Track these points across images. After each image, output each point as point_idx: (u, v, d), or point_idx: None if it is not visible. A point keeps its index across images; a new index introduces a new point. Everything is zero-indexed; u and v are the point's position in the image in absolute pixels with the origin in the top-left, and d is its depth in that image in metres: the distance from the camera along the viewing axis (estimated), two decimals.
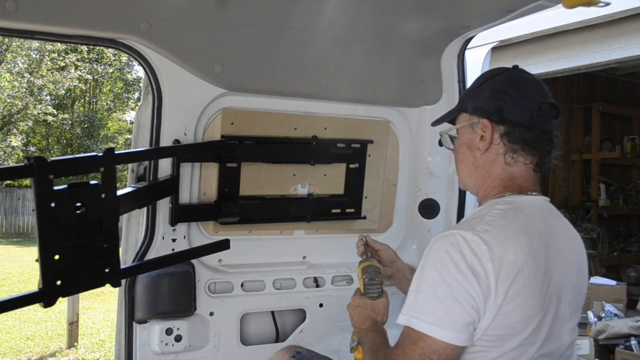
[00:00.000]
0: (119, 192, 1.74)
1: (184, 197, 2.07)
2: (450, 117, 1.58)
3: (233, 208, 2.14)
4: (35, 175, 1.47)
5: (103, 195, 1.62)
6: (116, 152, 1.69)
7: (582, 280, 1.46)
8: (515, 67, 1.51)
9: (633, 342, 4.75)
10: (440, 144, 1.74)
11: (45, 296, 1.51)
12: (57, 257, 1.51)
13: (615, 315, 5.32)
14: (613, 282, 5.89)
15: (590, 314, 5.44)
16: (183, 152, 1.99)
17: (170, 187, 2.00)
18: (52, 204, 1.49)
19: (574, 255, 1.44)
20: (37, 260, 1.50)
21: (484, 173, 1.47)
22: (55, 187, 1.51)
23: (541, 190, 1.49)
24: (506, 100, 1.41)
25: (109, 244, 1.63)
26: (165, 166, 2.00)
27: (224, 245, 2.04)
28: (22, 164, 1.50)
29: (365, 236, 1.95)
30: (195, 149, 2.02)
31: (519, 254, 1.27)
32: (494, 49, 3.44)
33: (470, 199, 2.48)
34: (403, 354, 1.28)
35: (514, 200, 1.40)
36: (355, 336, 1.74)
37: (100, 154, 1.63)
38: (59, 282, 1.53)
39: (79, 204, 1.56)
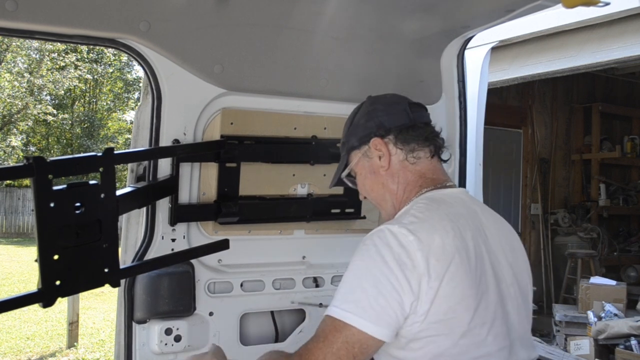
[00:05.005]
0: (119, 192, 1.74)
1: (184, 197, 2.07)
2: (345, 166, 1.64)
3: (232, 208, 2.14)
4: (35, 175, 1.46)
5: (102, 195, 1.61)
6: (116, 152, 1.69)
7: (518, 259, 1.50)
8: (369, 97, 1.64)
9: (633, 342, 4.76)
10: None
11: (44, 296, 1.51)
12: (56, 257, 1.51)
13: (615, 315, 5.33)
14: (613, 282, 5.90)
15: (590, 314, 5.45)
16: (183, 152, 1.99)
17: (170, 187, 2.00)
18: (52, 204, 1.49)
19: (503, 236, 1.48)
20: (36, 260, 1.50)
21: (396, 185, 1.53)
22: (55, 187, 1.50)
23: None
24: (380, 116, 1.52)
25: (109, 244, 1.63)
26: (164, 166, 2.00)
27: (223, 245, 2.04)
28: (22, 164, 1.49)
29: None
30: (195, 148, 2.02)
31: (446, 238, 1.31)
32: (494, 49, 3.43)
33: None
34: (325, 341, 1.27)
35: (433, 194, 1.47)
36: None
37: (100, 154, 1.62)
38: (58, 282, 1.52)
39: (78, 204, 1.56)
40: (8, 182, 19.01)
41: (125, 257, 2.10)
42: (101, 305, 8.68)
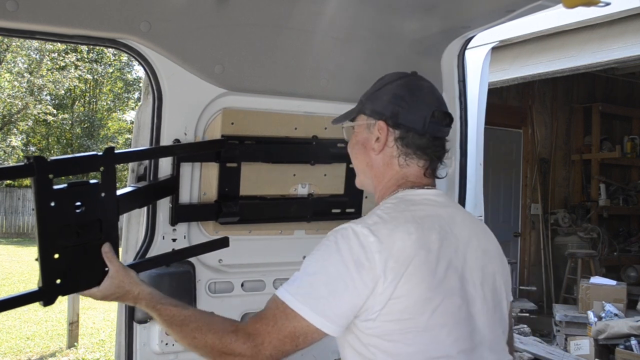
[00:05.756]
0: (119, 192, 1.74)
1: (184, 197, 2.07)
2: (351, 117, 1.62)
3: (233, 208, 2.14)
4: (35, 174, 1.46)
5: (103, 195, 1.61)
6: (116, 151, 1.69)
7: (491, 262, 1.47)
8: (414, 73, 1.58)
9: (633, 342, 4.76)
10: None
11: (45, 295, 1.51)
12: (56, 256, 1.51)
13: (615, 315, 5.33)
14: (613, 282, 5.90)
15: (590, 314, 5.45)
16: (183, 151, 1.99)
17: (171, 187, 2.00)
18: (52, 204, 1.49)
19: (474, 239, 1.46)
20: (36, 259, 1.50)
21: (379, 174, 1.52)
22: (55, 187, 1.50)
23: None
24: (402, 106, 1.47)
25: (109, 243, 1.63)
26: (165, 166, 2.00)
27: (223, 243, 2.05)
28: (22, 164, 1.49)
29: None
30: (195, 148, 2.02)
31: (407, 241, 1.31)
32: (494, 49, 3.44)
33: (470, 198, 2.48)
34: (274, 326, 1.29)
35: (405, 194, 1.46)
36: None
37: (100, 154, 1.62)
38: (58, 281, 1.52)
39: (78, 204, 1.56)
40: (8, 182, 19.02)
41: (126, 257, 2.10)
42: (101, 305, 8.67)
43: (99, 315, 8.16)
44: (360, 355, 1.33)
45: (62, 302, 8.37)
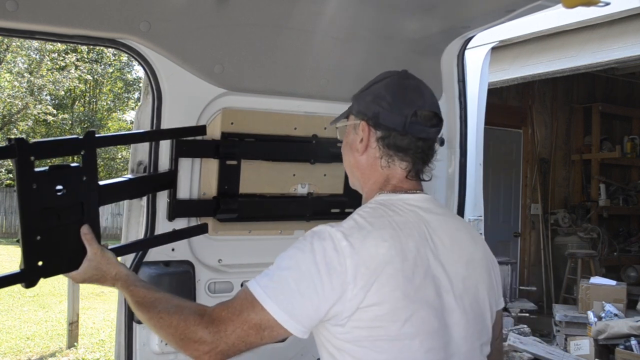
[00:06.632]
0: (109, 181, 1.76)
1: (183, 193, 2.07)
2: (344, 117, 1.60)
3: (232, 205, 2.14)
4: (17, 156, 1.46)
5: (84, 178, 1.62)
6: (97, 135, 1.68)
7: (475, 272, 1.42)
8: (404, 72, 1.54)
9: (633, 342, 4.76)
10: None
11: (26, 277, 1.50)
12: (38, 238, 1.50)
13: (615, 315, 5.34)
14: (613, 282, 5.91)
15: (590, 314, 5.45)
16: (165, 136, 1.97)
17: (167, 181, 2.00)
18: (34, 186, 1.49)
19: (459, 248, 1.42)
20: (17, 241, 1.50)
21: (364, 175, 1.50)
22: (36, 169, 1.50)
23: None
24: (383, 106, 1.43)
25: (90, 226, 1.63)
26: (164, 165, 2.00)
27: (202, 229, 2.05)
28: (4, 145, 1.49)
29: None
30: (175, 133, 1.99)
31: (381, 248, 1.28)
32: (494, 49, 3.44)
33: (469, 198, 2.48)
34: (239, 316, 1.28)
35: (386, 198, 1.42)
36: None
37: (81, 137, 1.62)
38: (40, 263, 1.52)
39: (59, 187, 1.56)
40: (8, 182, 19.02)
41: (127, 255, 2.10)
42: (101, 305, 8.69)
43: (99, 315, 8.16)
44: (333, 357, 1.31)
45: (62, 302, 8.38)
